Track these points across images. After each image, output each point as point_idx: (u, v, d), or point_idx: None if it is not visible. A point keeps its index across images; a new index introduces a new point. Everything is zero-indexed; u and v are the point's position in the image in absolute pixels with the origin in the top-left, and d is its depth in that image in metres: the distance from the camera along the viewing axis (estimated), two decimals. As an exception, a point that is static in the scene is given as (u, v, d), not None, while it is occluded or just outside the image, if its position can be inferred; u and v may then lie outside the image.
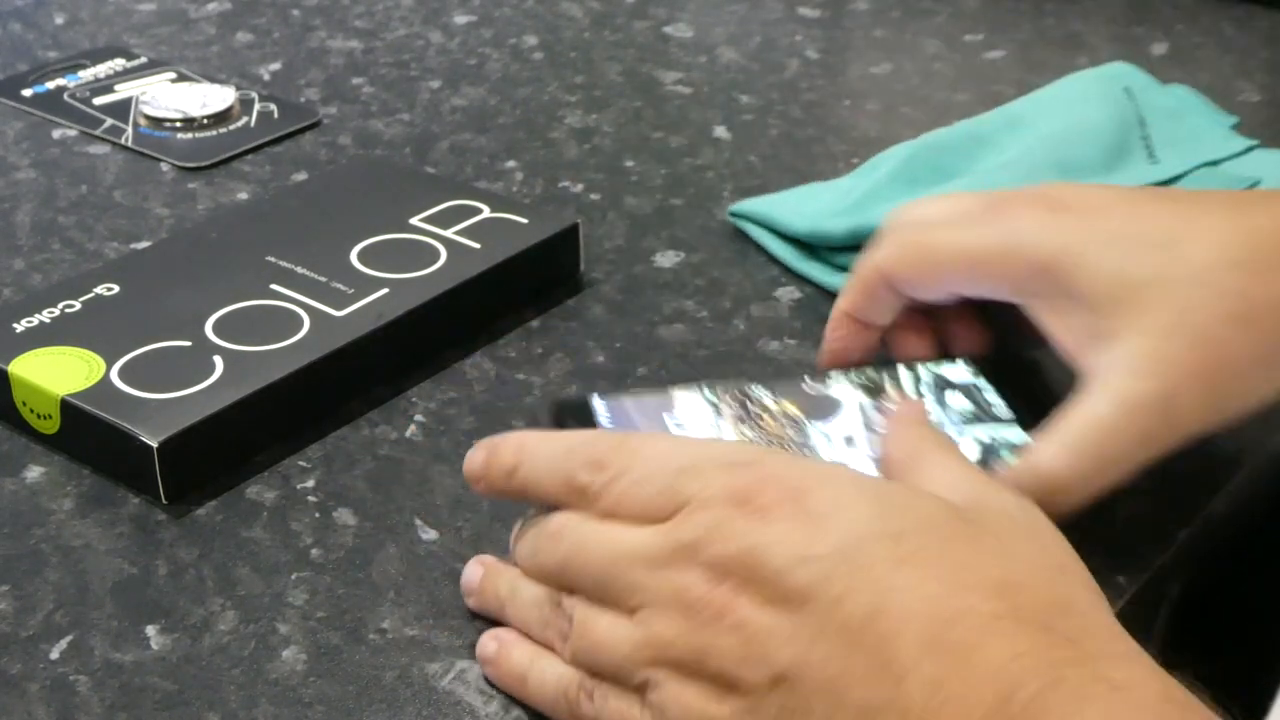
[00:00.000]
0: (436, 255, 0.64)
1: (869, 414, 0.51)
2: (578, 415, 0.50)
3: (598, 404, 0.51)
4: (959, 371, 0.53)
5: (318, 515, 0.53)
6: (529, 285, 0.65)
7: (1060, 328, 0.49)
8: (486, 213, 0.67)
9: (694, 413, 0.50)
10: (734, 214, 0.71)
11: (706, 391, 0.51)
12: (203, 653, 0.48)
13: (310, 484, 0.55)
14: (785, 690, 0.38)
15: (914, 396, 0.51)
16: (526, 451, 0.46)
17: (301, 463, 0.56)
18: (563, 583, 0.44)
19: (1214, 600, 0.58)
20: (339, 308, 0.60)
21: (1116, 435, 0.47)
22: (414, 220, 0.67)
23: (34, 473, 0.56)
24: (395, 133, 0.81)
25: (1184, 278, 0.48)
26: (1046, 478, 0.46)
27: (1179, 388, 0.47)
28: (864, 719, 0.37)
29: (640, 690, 0.41)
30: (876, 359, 0.55)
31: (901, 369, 0.53)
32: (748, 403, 0.50)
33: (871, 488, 0.41)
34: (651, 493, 0.42)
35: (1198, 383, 0.47)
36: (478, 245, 0.65)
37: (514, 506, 0.54)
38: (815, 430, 0.50)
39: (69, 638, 0.48)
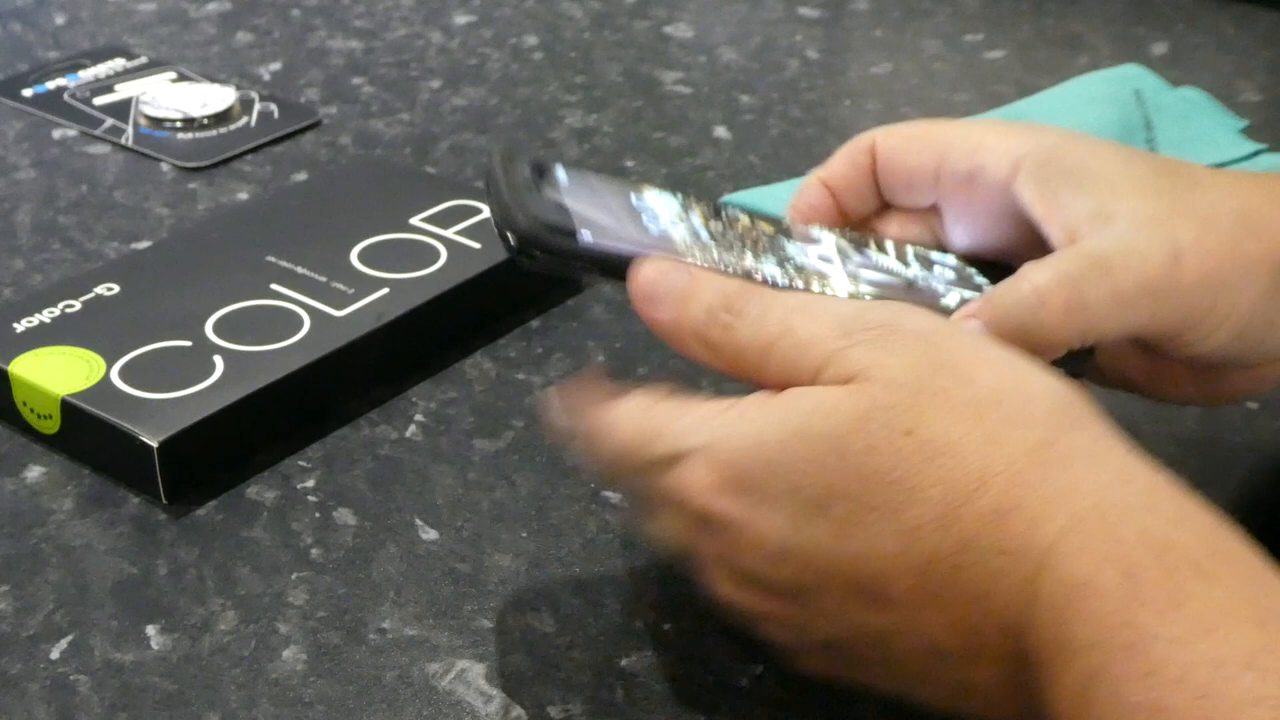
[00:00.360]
0: (436, 255, 0.64)
1: (848, 251, 0.49)
2: (539, 171, 0.47)
3: (561, 172, 0.48)
4: (947, 257, 0.50)
5: (318, 515, 0.53)
6: (529, 285, 0.65)
7: (1057, 212, 0.46)
8: (486, 213, 0.67)
9: (661, 204, 0.48)
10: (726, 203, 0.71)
11: (679, 196, 0.49)
12: (203, 653, 0.48)
13: (310, 484, 0.55)
14: (839, 649, 0.40)
15: (898, 262, 0.49)
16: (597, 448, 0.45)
17: (301, 463, 0.56)
18: None
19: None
20: (339, 308, 0.60)
21: (1114, 274, 0.44)
22: (414, 220, 0.67)
23: (34, 473, 0.56)
24: (395, 133, 0.81)
25: (1190, 180, 0.47)
26: (1030, 296, 0.44)
27: (1186, 254, 0.44)
28: (927, 660, 0.39)
29: None
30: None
31: (889, 240, 0.50)
32: (723, 210, 0.49)
33: (782, 436, 0.39)
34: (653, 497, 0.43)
35: (1205, 257, 0.44)
36: (478, 245, 0.65)
37: (514, 507, 0.54)
38: (789, 243, 0.48)
39: (69, 638, 0.48)
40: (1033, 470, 0.37)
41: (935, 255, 0.50)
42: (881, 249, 0.50)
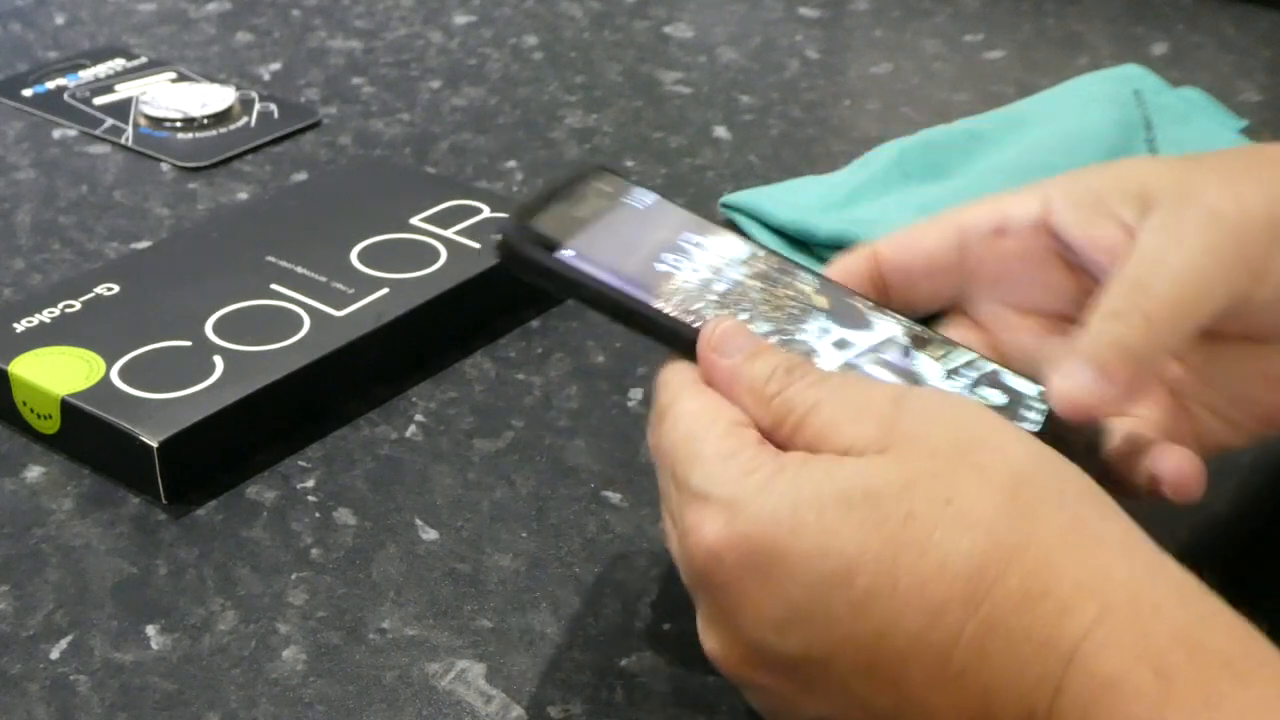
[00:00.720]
0: (436, 255, 0.64)
1: (896, 345, 0.46)
2: (608, 191, 0.47)
3: (633, 196, 0.48)
4: (1023, 383, 0.46)
5: (318, 515, 0.53)
6: (528, 285, 0.65)
7: (1106, 220, 0.46)
8: (486, 213, 0.67)
9: (716, 250, 0.47)
10: (725, 205, 0.71)
11: (753, 250, 0.48)
12: (203, 653, 0.48)
13: (310, 484, 0.55)
14: None
15: (935, 362, 0.46)
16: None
17: (301, 463, 0.56)
18: None
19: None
20: (339, 308, 0.60)
21: (1192, 252, 0.43)
22: (414, 220, 0.67)
23: (34, 473, 0.56)
24: (395, 133, 0.81)
25: (1206, 156, 0.46)
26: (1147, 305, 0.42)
27: (1244, 197, 0.44)
28: None
29: None
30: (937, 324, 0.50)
31: (962, 348, 0.47)
32: (783, 271, 0.47)
33: (821, 500, 0.38)
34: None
35: (1257, 202, 0.44)
36: (478, 245, 0.65)
37: (514, 507, 0.54)
38: (815, 323, 0.46)
39: (69, 638, 0.48)
40: (1065, 552, 0.36)
41: (1013, 380, 0.47)
42: (946, 356, 0.47)
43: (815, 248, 0.67)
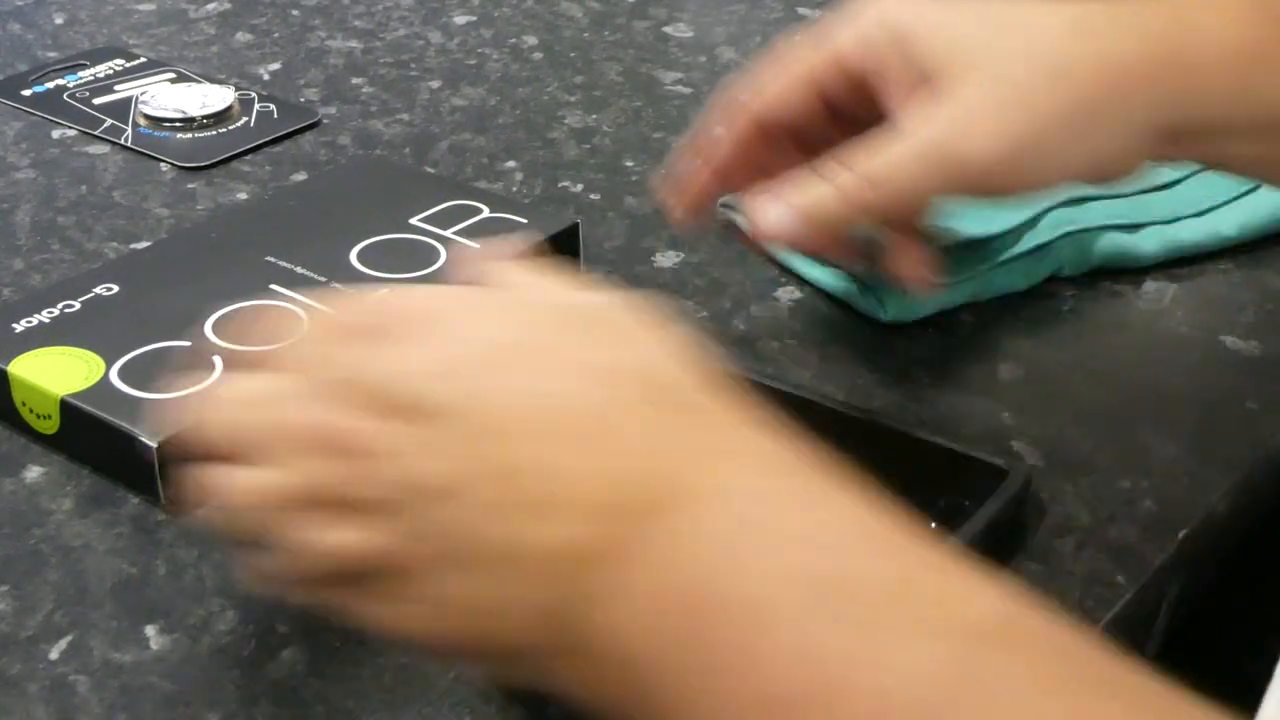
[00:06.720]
0: (436, 255, 0.64)
1: None
2: None
3: None
4: None
5: (317, 515, 0.53)
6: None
7: (899, 94, 0.53)
8: (486, 213, 0.67)
9: None
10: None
11: None
12: (203, 653, 0.48)
13: (310, 484, 0.55)
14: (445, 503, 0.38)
15: None
16: None
17: (301, 463, 0.56)
18: None
19: (1214, 600, 0.58)
20: (339, 308, 0.60)
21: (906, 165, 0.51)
22: (414, 220, 0.67)
23: (34, 473, 0.56)
24: (395, 133, 0.81)
25: (1011, 38, 0.51)
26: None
27: (971, 128, 0.50)
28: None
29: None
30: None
31: None
32: None
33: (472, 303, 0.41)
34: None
35: (995, 130, 0.50)
36: (478, 245, 0.65)
37: (514, 506, 0.54)
38: None
39: (69, 638, 0.48)
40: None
41: None
42: None
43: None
